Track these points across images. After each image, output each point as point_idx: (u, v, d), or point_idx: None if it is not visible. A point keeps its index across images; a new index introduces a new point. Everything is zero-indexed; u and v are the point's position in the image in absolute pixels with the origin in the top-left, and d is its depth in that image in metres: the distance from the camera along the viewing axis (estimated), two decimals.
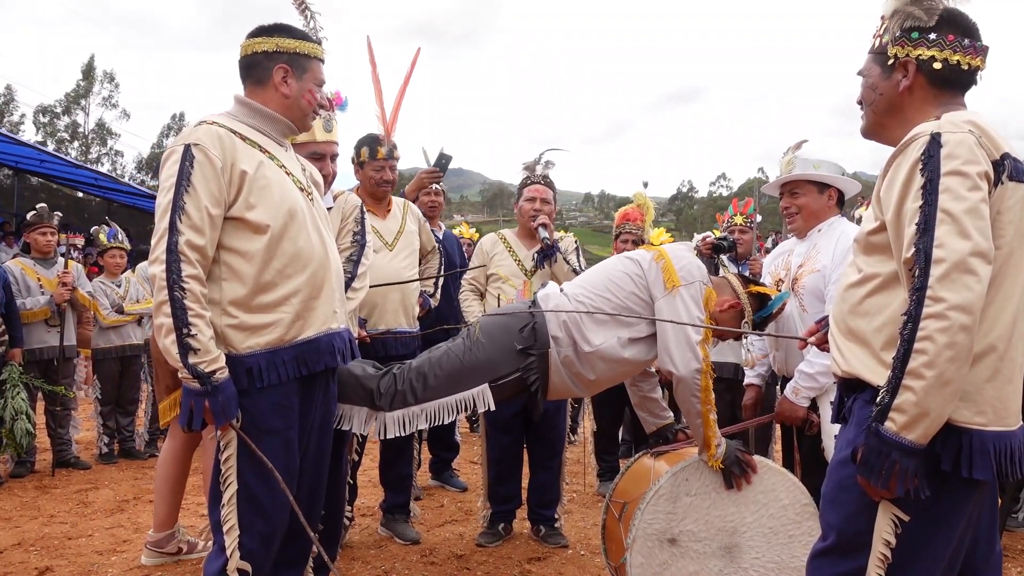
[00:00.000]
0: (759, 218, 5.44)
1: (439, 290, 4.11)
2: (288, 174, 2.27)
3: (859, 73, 1.87)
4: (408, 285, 3.69)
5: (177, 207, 2.03)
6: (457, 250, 4.96)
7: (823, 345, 2.01)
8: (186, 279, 2.01)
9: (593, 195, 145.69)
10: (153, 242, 2.06)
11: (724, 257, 4.84)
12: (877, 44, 1.80)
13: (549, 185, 3.93)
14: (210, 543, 2.33)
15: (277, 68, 2.27)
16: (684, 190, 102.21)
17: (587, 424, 5.17)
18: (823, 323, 2.05)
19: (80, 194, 23.33)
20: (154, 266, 2.03)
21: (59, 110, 41.29)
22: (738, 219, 5.11)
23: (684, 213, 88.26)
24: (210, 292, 2.11)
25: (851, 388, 1.74)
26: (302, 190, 2.30)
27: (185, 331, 2.00)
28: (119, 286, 5.84)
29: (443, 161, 4.18)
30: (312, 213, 2.30)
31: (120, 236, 6.00)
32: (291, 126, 2.36)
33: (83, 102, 41.63)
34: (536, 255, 3.82)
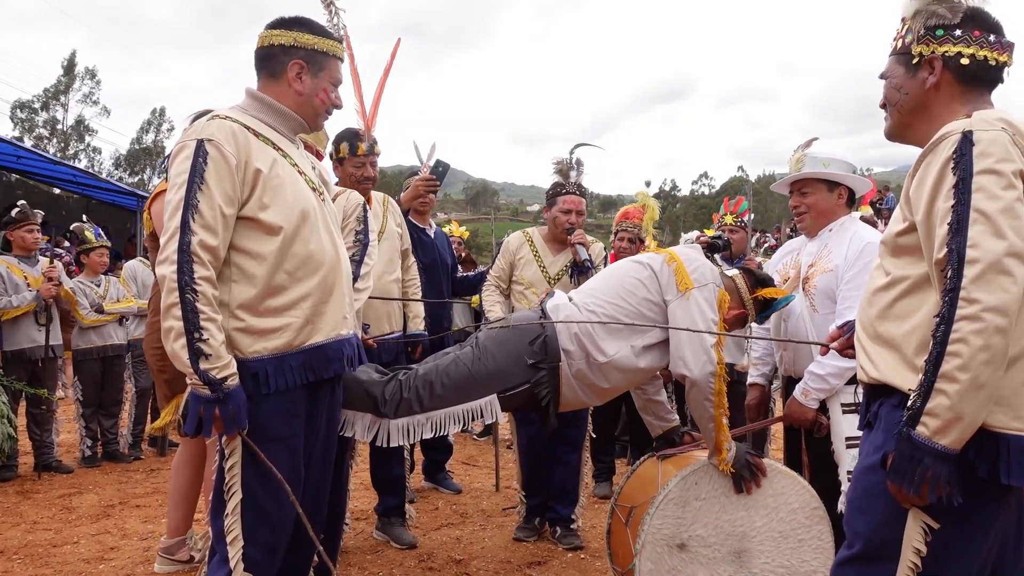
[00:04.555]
0: (751, 216, 5.41)
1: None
2: (301, 173, 2.19)
3: (881, 76, 1.84)
4: (389, 288, 3.63)
5: (190, 205, 1.95)
6: (448, 249, 4.89)
7: (846, 351, 1.97)
8: (199, 281, 1.93)
9: None
10: (163, 241, 1.96)
11: (718, 257, 4.81)
12: (900, 45, 1.78)
13: (583, 195, 3.89)
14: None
15: (292, 63, 2.18)
16: (667, 189, 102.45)
17: None
18: (845, 328, 2.00)
19: (56, 191, 22.88)
20: (164, 267, 1.94)
21: (37, 105, 40.57)
22: (728, 219, 5.07)
23: (667, 212, 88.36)
24: (219, 294, 2.02)
25: (878, 393, 1.70)
26: (314, 190, 2.22)
27: (196, 335, 1.91)
28: (98, 285, 5.72)
29: (439, 169, 4.19)
30: (324, 214, 2.22)
31: (103, 235, 5.88)
32: (303, 124, 2.27)
33: (63, 98, 40.90)
34: (571, 269, 3.80)
